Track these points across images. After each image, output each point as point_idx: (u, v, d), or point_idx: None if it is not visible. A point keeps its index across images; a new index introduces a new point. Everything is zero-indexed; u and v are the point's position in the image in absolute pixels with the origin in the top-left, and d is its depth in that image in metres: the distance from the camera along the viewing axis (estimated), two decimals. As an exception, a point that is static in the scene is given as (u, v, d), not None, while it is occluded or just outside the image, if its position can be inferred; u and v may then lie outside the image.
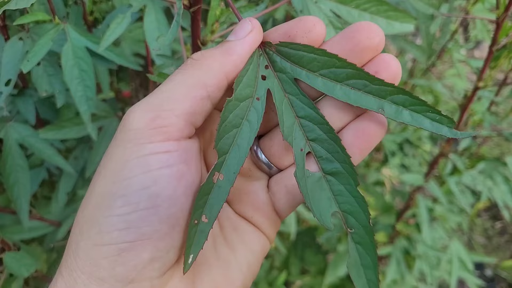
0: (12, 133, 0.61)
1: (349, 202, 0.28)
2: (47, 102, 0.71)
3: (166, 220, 0.26)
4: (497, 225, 1.83)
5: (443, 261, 1.02)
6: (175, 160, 0.27)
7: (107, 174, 0.27)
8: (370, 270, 0.28)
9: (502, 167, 0.96)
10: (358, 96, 0.29)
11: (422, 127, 0.28)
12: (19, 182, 0.62)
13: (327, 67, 0.29)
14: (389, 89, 0.28)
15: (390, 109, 0.29)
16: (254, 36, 0.29)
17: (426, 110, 0.28)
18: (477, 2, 0.92)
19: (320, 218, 0.28)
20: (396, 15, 0.41)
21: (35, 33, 0.51)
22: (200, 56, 0.29)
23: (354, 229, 0.28)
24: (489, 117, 0.80)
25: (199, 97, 0.27)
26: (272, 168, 0.33)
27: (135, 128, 0.27)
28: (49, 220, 0.76)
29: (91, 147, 0.76)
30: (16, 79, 0.50)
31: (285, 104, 0.30)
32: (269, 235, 0.34)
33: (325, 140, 0.29)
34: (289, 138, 0.30)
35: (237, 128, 0.29)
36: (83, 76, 0.48)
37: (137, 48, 0.78)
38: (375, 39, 0.28)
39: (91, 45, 0.49)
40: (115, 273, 0.26)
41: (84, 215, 0.27)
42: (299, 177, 0.29)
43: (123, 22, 0.44)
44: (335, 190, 0.29)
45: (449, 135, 0.28)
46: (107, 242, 0.26)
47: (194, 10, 0.34)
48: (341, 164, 0.29)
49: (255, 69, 0.30)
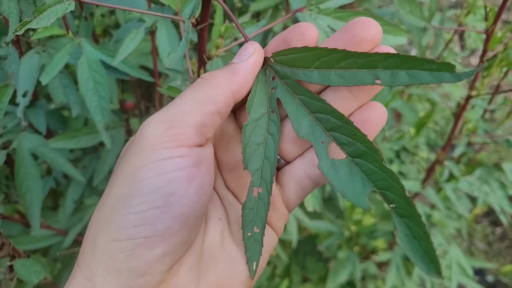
0: (25, 142, 0.63)
1: (382, 179, 0.29)
2: (56, 114, 0.74)
3: (178, 218, 0.28)
4: (498, 231, 1.84)
5: (443, 267, 1.04)
6: (187, 164, 0.29)
7: (124, 177, 0.29)
8: (423, 240, 0.27)
9: (497, 173, 0.99)
10: (352, 75, 0.30)
11: (423, 81, 0.28)
12: (31, 191, 0.64)
13: (316, 59, 0.30)
14: (377, 57, 0.29)
15: (385, 75, 0.29)
16: (256, 57, 0.32)
17: (421, 64, 0.28)
18: (469, 13, 0.96)
19: (356, 202, 0.29)
20: (390, 29, 0.44)
21: (51, 47, 0.54)
22: (209, 76, 0.32)
23: (395, 203, 0.28)
24: (483, 124, 0.83)
25: (209, 112, 0.30)
26: (280, 161, 0.35)
27: (151, 136, 0.29)
28: (56, 229, 0.79)
29: (99, 157, 0.79)
30: (32, 91, 0.53)
31: (297, 104, 0.32)
32: (276, 229, 0.36)
33: (341, 126, 0.30)
34: (307, 136, 0.31)
35: (262, 144, 0.31)
36: (97, 88, 0.51)
37: (142, 61, 0.81)
38: (371, 31, 0.30)
39: (105, 58, 0.53)
40: (130, 266, 0.28)
41: (101, 214, 0.30)
42: (326, 168, 0.30)
43: (137, 37, 0.47)
44: (365, 170, 0.29)
45: (452, 79, 0.27)
46: (124, 237, 0.28)
47: (201, 27, 0.37)
48: (362, 144, 0.29)
49: (263, 86, 0.33)
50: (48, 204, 0.94)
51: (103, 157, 0.73)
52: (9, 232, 0.78)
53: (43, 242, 0.77)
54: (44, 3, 0.28)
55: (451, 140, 0.84)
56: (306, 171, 0.34)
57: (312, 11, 0.42)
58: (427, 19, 0.64)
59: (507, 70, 0.90)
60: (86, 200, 0.81)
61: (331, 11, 0.41)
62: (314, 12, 0.42)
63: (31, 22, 0.30)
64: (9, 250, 0.60)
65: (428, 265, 0.27)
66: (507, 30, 0.76)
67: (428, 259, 0.27)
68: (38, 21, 0.30)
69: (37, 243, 0.77)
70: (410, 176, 0.98)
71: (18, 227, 0.78)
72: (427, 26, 0.64)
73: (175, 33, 0.52)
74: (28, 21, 0.29)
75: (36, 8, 0.28)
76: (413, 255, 0.28)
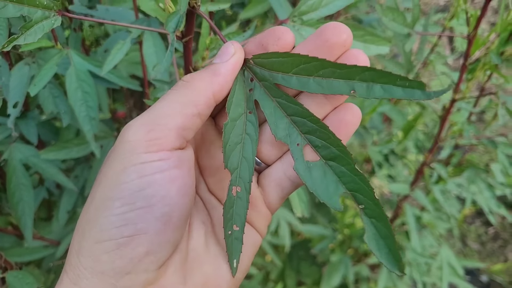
0: (16, 153, 0.64)
1: (353, 181, 0.30)
2: (47, 124, 0.74)
3: (160, 218, 0.29)
4: (490, 231, 1.86)
5: (434, 268, 1.05)
6: (168, 166, 0.30)
7: (106, 181, 0.30)
8: (389, 239, 0.29)
9: (484, 175, 1.00)
10: (329, 84, 0.31)
11: (395, 96, 0.30)
12: (23, 200, 0.65)
13: (296, 65, 0.32)
14: (355, 69, 0.30)
15: (361, 88, 0.30)
16: (237, 58, 0.33)
17: (395, 80, 0.29)
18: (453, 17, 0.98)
19: (329, 202, 0.30)
20: (372, 39, 0.46)
21: (40, 58, 0.55)
22: (190, 78, 0.32)
23: (364, 204, 0.30)
24: (468, 127, 0.84)
25: (190, 114, 0.31)
26: (261, 165, 0.36)
27: (132, 140, 0.30)
28: (49, 240, 0.79)
29: (90, 167, 0.80)
30: (23, 102, 0.53)
31: (274, 107, 0.33)
32: (260, 230, 0.37)
33: (316, 130, 0.32)
34: (283, 138, 0.32)
35: (240, 143, 0.32)
36: (86, 98, 0.52)
37: (132, 70, 0.82)
38: (342, 35, 0.31)
39: (93, 68, 0.53)
40: (114, 266, 0.28)
41: (85, 218, 0.30)
42: (301, 169, 0.31)
43: (123, 48, 0.48)
44: (338, 173, 0.31)
45: (422, 97, 0.29)
46: (107, 238, 0.28)
47: (186, 40, 0.38)
48: (336, 148, 0.31)
49: (241, 86, 0.34)
50: (42, 215, 0.94)
51: (94, 167, 0.73)
52: (2, 244, 0.78)
53: (36, 254, 0.77)
54: (31, 20, 0.29)
55: (437, 143, 0.86)
56: (286, 173, 0.35)
57: (295, 22, 0.43)
58: (410, 25, 0.65)
59: (491, 73, 0.92)
60: (79, 210, 0.81)
61: (314, 22, 0.43)
62: (298, 24, 0.43)
63: (18, 38, 0.30)
64: (1, 262, 0.60)
65: (392, 263, 0.29)
66: (488, 35, 0.78)
67: (393, 258, 0.29)
68: (25, 37, 0.30)
69: (30, 255, 0.77)
70: (399, 179, 1.00)
71: (11, 239, 0.79)
72: (411, 32, 0.66)
73: (161, 44, 0.53)
74: (16, 38, 0.30)
75: (23, 24, 0.29)
76: (379, 253, 0.29)
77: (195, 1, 0.32)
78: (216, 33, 0.34)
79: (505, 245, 1.81)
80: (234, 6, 1.02)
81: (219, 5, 0.47)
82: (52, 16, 0.31)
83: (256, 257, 1.14)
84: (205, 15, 0.33)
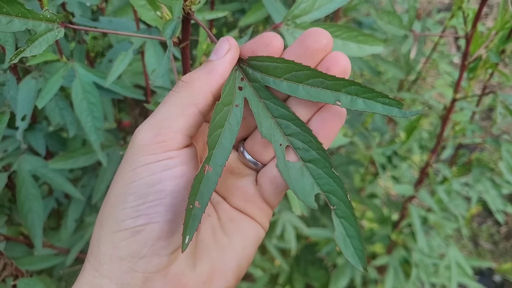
0: (25, 164, 0.66)
1: (328, 183, 0.33)
2: (55, 135, 0.76)
3: (171, 209, 0.32)
4: (503, 230, 1.84)
5: (442, 268, 1.05)
6: (176, 163, 0.32)
7: (120, 181, 0.33)
8: (355, 239, 0.32)
9: (489, 173, 1.00)
10: (317, 93, 0.33)
11: (375, 111, 0.32)
12: (33, 211, 0.66)
13: (288, 71, 0.34)
14: (342, 82, 0.33)
15: (346, 99, 0.33)
16: (232, 54, 0.35)
17: (376, 96, 0.32)
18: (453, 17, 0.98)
19: (305, 200, 0.33)
20: (366, 39, 0.47)
21: (47, 71, 0.57)
22: (188, 79, 0.34)
23: (336, 205, 0.32)
24: (470, 126, 0.85)
25: (191, 114, 0.33)
26: (258, 165, 0.38)
27: (141, 144, 0.32)
28: (59, 247, 0.80)
29: (97, 176, 0.81)
30: (31, 114, 0.55)
31: (261, 108, 0.35)
32: (261, 223, 0.39)
33: (299, 133, 0.34)
34: (268, 136, 0.34)
35: (221, 128, 0.34)
36: (91, 109, 0.54)
37: (136, 80, 0.83)
38: (322, 41, 0.33)
39: (98, 79, 0.55)
40: (131, 251, 0.31)
41: (103, 213, 0.33)
42: (281, 168, 0.34)
43: (126, 59, 0.49)
44: (315, 175, 0.33)
45: (399, 115, 0.32)
46: (123, 228, 0.31)
47: (183, 45, 0.39)
48: (316, 151, 0.33)
49: (234, 81, 0.35)
50: (52, 224, 0.95)
51: (101, 175, 0.75)
52: (13, 254, 0.79)
53: (47, 262, 0.79)
54: (36, 33, 0.31)
55: (440, 143, 0.86)
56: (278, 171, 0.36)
57: (289, 26, 0.44)
58: (407, 27, 0.66)
59: (493, 71, 0.93)
60: (87, 218, 0.82)
61: (307, 25, 0.44)
62: (291, 27, 0.44)
63: (24, 51, 0.32)
64: (12, 270, 0.62)
65: (356, 260, 0.32)
66: (488, 33, 0.78)
67: (357, 255, 0.32)
68: (31, 50, 0.32)
69: (41, 263, 0.78)
70: (404, 180, 1.00)
71: (22, 248, 0.80)
72: (407, 34, 0.67)
73: (163, 53, 0.54)
74: (22, 50, 0.32)
75: (28, 38, 0.31)
76: (345, 251, 0.32)
77: (189, 8, 0.34)
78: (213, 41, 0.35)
79: (518, 244, 1.80)
80: (235, 13, 1.04)
81: (217, 14, 0.48)
82: (55, 28, 0.32)
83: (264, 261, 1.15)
84: (199, 21, 0.35)
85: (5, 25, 0.30)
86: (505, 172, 0.99)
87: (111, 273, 0.31)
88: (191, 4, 0.33)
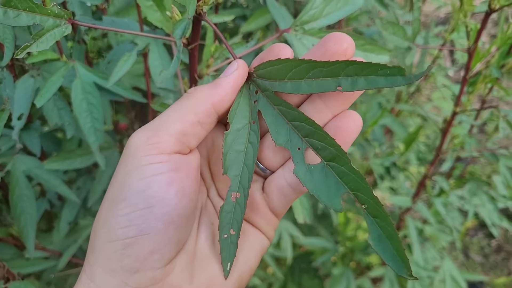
0: (20, 164, 0.64)
1: (353, 180, 0.30)
2: (50, 136, 0.75)
3: (160, 218, 0.31)
4: (493, 243, 1.85)
5: (437, 281, 1.04)
6: (166, 169, 0.32)
7: (115, 183, 0.32)
8: (394, 240, 0.28)
9: (486, 187, 1.00)
10: (318, 83, 0.32)
11: (379, 86, 0.30)
12: (26, 212, 0.65)
13: (289, 70, 0.33)
14: (339, 65, 0.31)
15: (346, 82, 0.31)
16: (239, 72, 0.34)
17: (376, 70, 0.30)
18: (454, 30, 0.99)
19: (330, 203, 0.30)
20: (372, 48, 0.46)
21: (45, 70, 0.56)
22: (193, 90, 0.35)
23: (366, 204, 0.29)
24: (469, 139, 0.85)
25: (190, 122, 0.33)
26: (266, 171, 0.37)
27: (135, 145, 0.32)
28: (51, 250, 0.78)
29: (93, 178, 0.80)
30: (27, 114, 0.54)
31: (276, 115, 0.34)
32: (266, 233, 0.38)
33: (314, 132, 0.32)
34: (285, 143, 0.33)
35: (242, 152, 0.33)
36: (91, 109, 0.53)
37: (135, 82, 0.83)
38: (343, 44, 0.33)
39: (99, 80, 0.54)
40: (123, 265, 0.30)
41: (98, 218, 0.32)
42: (301, 173, 0.32)
43: (130, 59, 0.49)
44: (338, 173, 0.31)
45: (403, 82, 0.29)
46: (114, 238, 0.30)
47: (192, 47, 0.39)
48: (333, 148, 0.31)
49: (246, 99, 0.35)
50: (42, 227, 0.94)
51: (98, 178, 0.73)
52: (2, 256, 0.77)
53: (38, 265, 0.77)
54: (43, 28, 0.30)
55: (439, 156, 0.86)
56: (287, 180, 0.36)
57: (297, 31, 0.44)
58: (411, 39, 0.66)
59: (492, 86, 0.93)
60: (81, 221, 0.81)
61: (315, 31, 0.43)
62: (299, 33, 0.44)
63: (31, 46, 0.31)
64: (4, 273, 0.60)
65: (399, 265, 0.28)
66: (489, 48, 0.79)
67: (399, 259, 0.28)
68: (38, 45, 0.31)
69: (31, 266, 0.76)
70: (401, 191, 1.00)
71: (11, 250, 0.78)
72: (411, 46, 0.67)
73: (167, 55, 0.54)
74: (29, 45, 0.31)
75: (36, 32, 0.30)
76: (384, 255, 0.29)
77: (201, 8, 0.33)
78: (221, 41, 0.35)
79: (508, 258, 1.80)
80: (236, 19, 1.04)
81: (223, 17, 0.48)
82: (63, 24, 0.32)
83: (258, 269, 1.14)
84: (210, 21, 0.34)
85: (13, 19, 0.29)
86: (500, 186, 0.99)
87: (105, 285, 0.30)
88: (204, 4, 0.32)
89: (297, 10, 0.93)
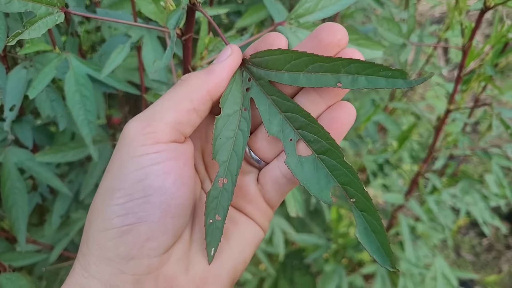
0: (11, 157, 0.64)
1: (344, 174, 0.30)
2: (42, 129, 0.74)
3: (158, 207, 0.31)
4: (484, 242, 1.86)
5: (428, 278, 1.05)
6: (163, 158, 0.31)
7: (109, 174, 0.32)
8: (380, 234, 0.29)
9: (478, 185, 1.01)
10: (318, 78, 0.32)
11: (379, 86, 0.30)
12: (17, 204, 0.64)
13: (288, 61, 0.33)
14: (341, 62, 0.31)
15: (347, 79, 0.31)
16: (233, 58, 0.34)
17: (378, 70, 0.30)
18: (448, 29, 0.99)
19: (319, 196, 0.31)
20: (366, 43, 0.46)
21: (38, 62, 0.55)
22: (187, 77, 0.34)
23: (355, 198, 0.30)
24: (462, 138, 0.85)
25: (185, 109, 0.32)
26: (261, 163, 0.37)
27: (130, 134, 0.32)
28: (42, 243, 0.78)
29: (85, 171, 0.79)
30: (20, 105, 0.53)
31: (269, 104, 0.34)
32: (261, 224, 0.38)
33: (307, 124, 0.32)
34: (277, 133, 0.33)
35: (232, 138, 0.33)
36: (84, 101, 0.52)
37: (128, 76, 0.82)
38: (336, 35, 0.32)
39: (92, 72, 0.54)
40: (119, 252, 0.30)
41: (92, 209, 0.32)
42: (292, 164, 0.32)
43: (123, 52, 0.48)
44: (329, 166, 0.31)
45: (405, 86, 0.29)
46: (110, 227, 0.30)
47: (186, 38, 0.39)
48: (326, 141, 0.31)
49: (238, 85, 0.35)
50: (33, 220, 0.93)
51: (90, 171, 0.73)
52: (-6, 248, 0.77)
53: (29, 259, 0.76)
54: (35, 15, 0.30)
55: (432, 153, 0.86)
56: (281, 170, 0.36)
57: (292, 25, 0.44)
58: (406, 36, 0.66)
59: (486, 84, 0.94)
60: (73, 215, 0.80)
61: (310, 25, 0.43)
62: (294, 26, 0.44)
63: (23, 33, 0.31)
64: (-5, 265, 0.60)
65: (383, 257, 0.29)
66: (483, 47, 0.79)
67: (384, 252, 0.29)
68: (29, 32, 0.31)
69: (23, 260, 0.76)
70: (394, 188, 1.00)
71: (3, 243, 0.78)
72: (406, 43, 0.67)
73: (161, 49, 0.53)
74: (20, 32, 0.30)
75: (27, 20, 0.29)
76: (369, 247, 0.29)
77: (195, -2, 0.33)
78: (216, 33, 0.34)
79: (499, 256, 1.82)
80: (230, 14, 1.03)
81: (217, 10, 0.48)
82: (55, 13, 0.31)
83: (250, 264, 1.14)
84: (205, 12, 0.34)
85: (4, 5, 0.29)
86: (492, 185, 1.00)
87: (100, 274, 0.30)
88: (198, -6, 0.32)
89: (292, 5, 0.93)
